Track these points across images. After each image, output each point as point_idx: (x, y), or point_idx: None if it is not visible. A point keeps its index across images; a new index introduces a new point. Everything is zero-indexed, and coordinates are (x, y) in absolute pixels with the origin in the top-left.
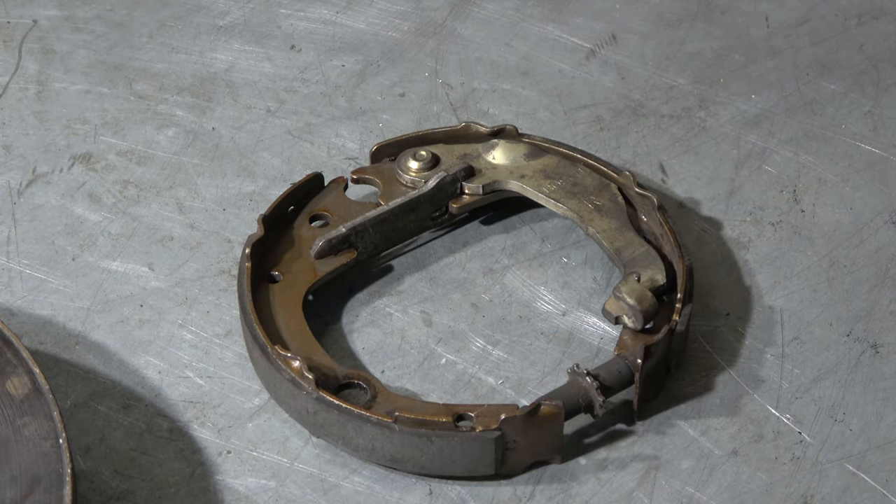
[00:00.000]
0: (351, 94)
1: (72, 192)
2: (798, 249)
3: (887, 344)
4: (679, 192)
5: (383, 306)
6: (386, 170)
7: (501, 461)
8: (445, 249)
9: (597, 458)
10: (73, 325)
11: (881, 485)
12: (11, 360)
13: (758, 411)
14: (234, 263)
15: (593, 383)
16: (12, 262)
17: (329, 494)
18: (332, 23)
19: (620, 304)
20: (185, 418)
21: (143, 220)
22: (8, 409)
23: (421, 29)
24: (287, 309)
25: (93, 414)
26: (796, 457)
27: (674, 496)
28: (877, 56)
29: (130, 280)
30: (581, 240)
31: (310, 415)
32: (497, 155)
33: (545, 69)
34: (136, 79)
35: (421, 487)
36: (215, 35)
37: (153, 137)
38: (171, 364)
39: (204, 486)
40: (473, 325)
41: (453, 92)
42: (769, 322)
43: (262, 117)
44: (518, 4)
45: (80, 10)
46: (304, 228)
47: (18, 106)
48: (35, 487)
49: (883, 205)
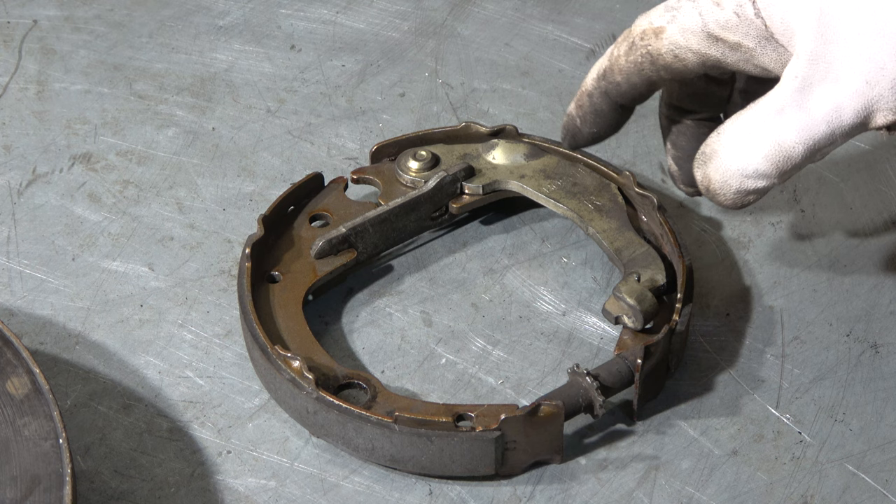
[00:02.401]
0: (351, 94)
1: (72, 192)
2: (798, 249)
3: (887, 344)
4: (679, 192)
5: (383, 306)
6: (386, 170)
7: (501, 461)
8: (445, 249)
9: (597, 458)
10: (73, 325)
11: (881, 485)
12: (11, 360)
13: (758, 411)
14: (234, 263)
15: (593, 383)
16: (12, 262)
17: (329, 494)
18: (332, 23)
19: (620, 304)
20: (185, 418)
21: (143, 220)
22: (8, 409)
23: (421, 29)
24: (287, 309)
25: (93, 414)
26: (796, 457)
27: (674, 496)
28: None
29: (130, 280)
30: (581, 240)
31: (310, 415)
32: (497, 155)
33: (545, 69)
34: (136, 79)
35: (421, 487)
36: (215, 35)
37: (153, 137)
38: (171, 364)
39: (204, 486)
40: (473, 325)
41: (453, 92)
42: (769, 322)
43: (262, 117)
44: (518, 4)
45: (80, 10)
46: (304, 228)
47: (18, 106)
48: (35, 487)
49: (883, 205)
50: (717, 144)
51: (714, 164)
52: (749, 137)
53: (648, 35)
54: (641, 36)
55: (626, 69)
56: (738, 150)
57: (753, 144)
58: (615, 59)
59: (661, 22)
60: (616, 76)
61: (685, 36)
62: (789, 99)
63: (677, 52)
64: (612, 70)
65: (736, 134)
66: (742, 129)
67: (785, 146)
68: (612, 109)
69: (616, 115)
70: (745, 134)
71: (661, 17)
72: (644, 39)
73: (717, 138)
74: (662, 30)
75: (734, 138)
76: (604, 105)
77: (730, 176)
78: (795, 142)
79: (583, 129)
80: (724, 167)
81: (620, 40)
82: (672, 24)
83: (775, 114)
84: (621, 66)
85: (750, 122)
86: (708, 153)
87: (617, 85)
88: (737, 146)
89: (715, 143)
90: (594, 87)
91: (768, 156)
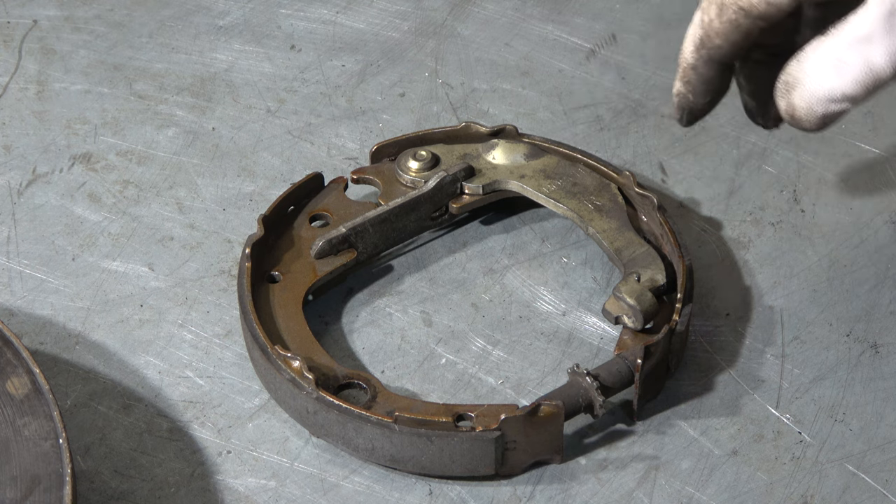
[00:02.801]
0: (351, 94)
1: (72, 192)
2: (798, 249)
3: (887, 344)
4: (679, 192)
5: (383, 306)
6: (386, 170)
7: (501, 461)
8: (445, 249)
9: (597, 458)
10: (73, 325)
11: (881, 485)
12: (11, 360)
13: (758, 411)
14: (234, 263)
15: (593, 383)
16: (12, 262)
17: (329, 494)
18: (332, 23)
19: (620, 304)
20: (185, 418)
21: (143, 220)
22: (8, 409)
23: (421, 29)
24: (287, 309)
25: (93, 414)
26: (796, 457)
27: (674, 496)
28: None
29: (130, 280)
30: (581, 240)
31: (310, 415)
32: (497, 155)
33: (545, 69)
34: (136, 79)
35: (421, 487)
36: (215, 35)
37: (153, 137)
38: (171, 364)
39: (204, 486)
40: (473, 325)
41: (453, 92)
42: (769, 322)
43: (262, 117)
44: (518, 4)
45: (80, 10)
46: (304, 228)
47: (18, 106)
48: (35, 487)
49: (883, 205)
50: (800, 72)
51: (799, 92)
52: (837, 63)
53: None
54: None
55: (723, 31)
56: (825, 76)
57: (842, 70)
58: (708, 24)
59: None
60: (715, 40)
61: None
62: (878, 24)
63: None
64: (709, 36)
65: (822, 60)
66: (828, 56)
67: (876, 69)
68: (719, 73)
69: (725, 76)
70: (832, 60)
71: None
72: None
73: (798, 66)
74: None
75: (820, 65)
76: (711, 72)
77: (816, 101)
78: (885, 64)
79: (697, 101)
80: (811, 93)
81: (706, 4)
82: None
83: (863, 40)
84: (717, 29)
85: (837, 48)
86: (791, 81)
87: (719, 48)
88: (823, 72)
89: (797, 72)
90: (696, 59)
91: (858, 80)
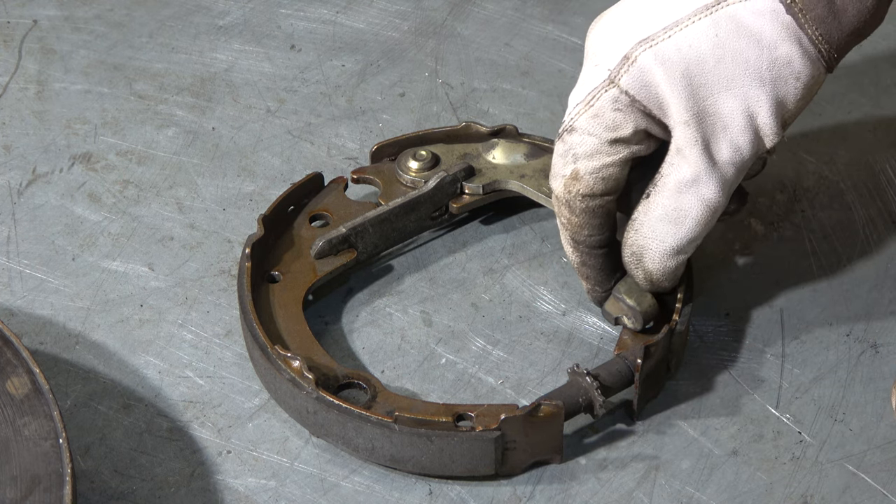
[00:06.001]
0: (351, 94)
1: (72, 192)
2: (798, 249)
3: (887, 344)
4: None
5: (383, 306)
6: (386, 170)
7: (501, 461)
8: (445, 249)
9: (597, 458)
10: (73, 325)
11: (881, 485)
12: (11, 360)
13: (758, 411)
14: (234, 263)
15: (593, 383)
16: (12, 262)
17: (329, 494)
18: (332, 23)
19: (620, 304)
20: (185, 418)
21: (143, 220)
22: (8, 409)
23: (421, 29)
24: (287, 309)
25: (93, 414)
26: (796, 457)
27: (674, 496)
28: (876, 56)
29: (130, 280)
30: None
31: (310, 415)
32: (497, 155)
33: (545, 69)
34: (136, 79)
35: (421, 487)
36: (215, 35)
37: (153, 137)
38: (171, 364)
39: (204, 486)
40: (473, 325)
41: (453, 92)
42: (769, 322)
43: (262, 117)
44: (518, 4)
45: (80, 10)
46: (304, 228)
47: (18, 106)
48: (35, 487)
49: (883, 205)
50: (642, 239)
51: (649, 256)
52: (675, 215)
53: (569, 185)
54: (566, 191)
55: (583, 222)
56: (667, 233)
57: (681, 219)
58: (569, 224)
59: (569, 167)
60: (584, 232)
61: (594, 159)
62: (700, 163)
63: (600, 174)
64: (577, 233)
65: (658, 219)
66: (662, 212)
67: (712, 204)
68: (605, 244)
69: (611, 238)
70: (668, 214)
71: (565, 164)
72: (570, 190)
73: (637, 234)
74: (575, 171)
75: (658, 224)
76: (598, 258)
77: (668, 258)
78: (718, 196)
79: (606, 286)
80: (661, 253)
81: (557, 211)
82: (578, 160)
83: (692, 183)
84: (578, 223)
85: (668, 201)
86: (637, 251)
87: (590, 236)
88: (664, 229)
89: (638, 240)
90: (580, 256)
91: (699, 220)
